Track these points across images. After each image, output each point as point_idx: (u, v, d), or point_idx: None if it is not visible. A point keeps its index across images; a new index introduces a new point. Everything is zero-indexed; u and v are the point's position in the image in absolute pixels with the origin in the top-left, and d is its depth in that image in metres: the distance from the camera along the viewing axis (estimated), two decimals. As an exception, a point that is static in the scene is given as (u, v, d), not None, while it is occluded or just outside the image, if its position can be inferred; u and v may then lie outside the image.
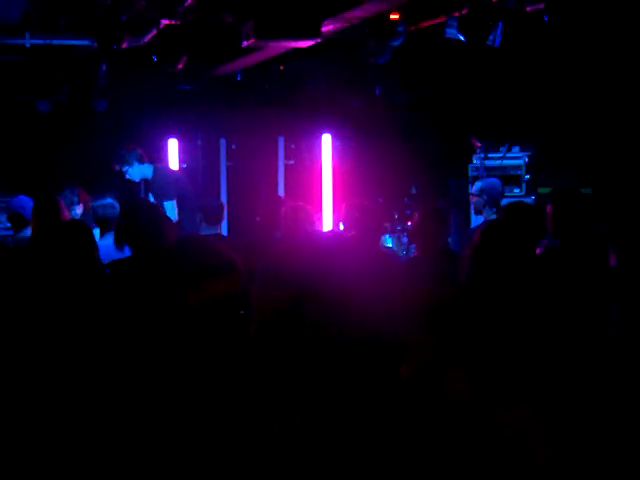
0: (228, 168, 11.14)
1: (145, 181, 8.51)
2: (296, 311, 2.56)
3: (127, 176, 8.29)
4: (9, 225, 7.21)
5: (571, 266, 4.63)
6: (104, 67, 9.07)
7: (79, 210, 7.93)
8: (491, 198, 7.37)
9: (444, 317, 3.49)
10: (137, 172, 8.26)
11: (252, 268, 2.88)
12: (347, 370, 2.58)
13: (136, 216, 4.81)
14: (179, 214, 8.08)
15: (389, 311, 2.94)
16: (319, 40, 6.94)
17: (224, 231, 8.41)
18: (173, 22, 7.51)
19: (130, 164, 8.19)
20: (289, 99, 10.32)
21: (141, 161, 8.23)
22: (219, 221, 6.72)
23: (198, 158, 11.22)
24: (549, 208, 5.13)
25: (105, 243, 5.58)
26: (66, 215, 6.08)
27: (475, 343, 3.46)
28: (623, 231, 5.07)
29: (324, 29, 6.95)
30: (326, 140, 10.66)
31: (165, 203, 8.03)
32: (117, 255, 4.74)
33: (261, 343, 2.65)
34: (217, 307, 3.03)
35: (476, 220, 8.18)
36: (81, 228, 4.90)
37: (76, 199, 8.01)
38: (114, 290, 4.07)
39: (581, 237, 4.94)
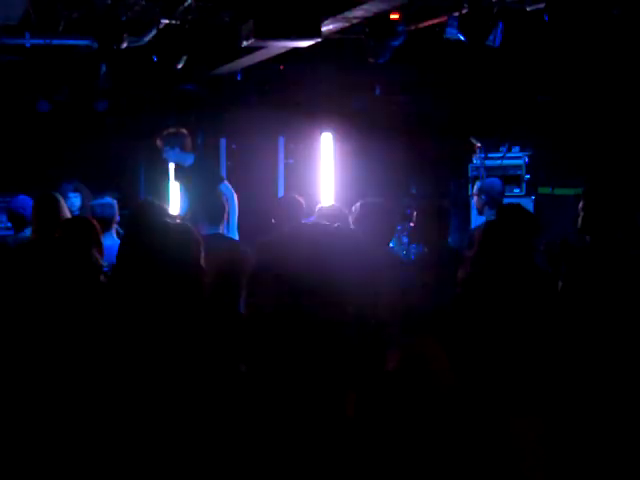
0: (228, 168, 11.14)
1: (180, 168, 8.43)
2: (290, 303, 2.56)
3: (164, 155, 8.27)
4: (9, 225, 7.21)
5: (601, 264, 4.58)
6: (104, 67, 9.07)
7: (76, 200, 7.93)
8: (490, 198, 7.36)
9: (447, 318, 3.49)
10: (174, 157, 8.24)
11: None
12: (337, 358, 2.58)
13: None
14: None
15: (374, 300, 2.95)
16: (319, 40, 6.94)
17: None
18: (173, 22, 7.51)
19: (172, 147, 8.16)
20: (289, 99, 10.32)
21: (184, 149, 8.21)
22: (221, 221, 6.71)
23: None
24: (581, 204, 5.03)
25: (104, 243, 5.57)
26: (66, 213, 6.09)
27: (480, 343, 3.46)
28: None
29: (324, 29, 6.96)
30: (326, 140, 10.65)
31: (222, 185, 8.16)
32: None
33: (256, 332, 2.66)
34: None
35: (477, 220, 8.18)
36: (82, 225, 4.90)
37: (71, 187, 8.01)
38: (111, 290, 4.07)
39: (612, 234, 4.82)
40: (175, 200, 9.31)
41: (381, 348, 2.96)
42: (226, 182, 8.48)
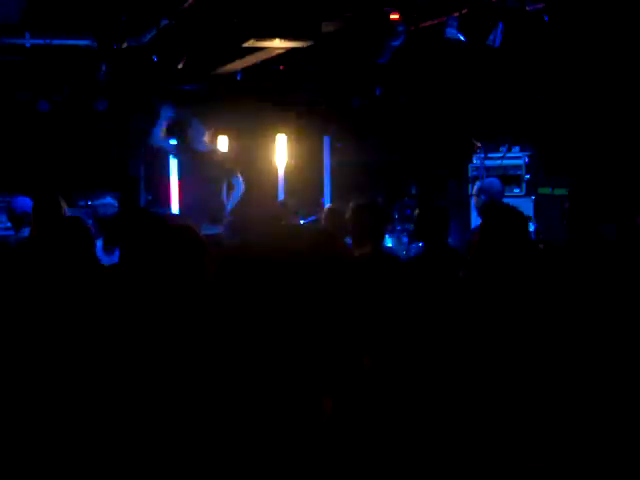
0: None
1: (190, 154, 8.43)
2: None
3: (191, 128, 8.24)
4: (9, 225, 7.21)
5: (576, 263, 4.60)
6: (104, 67, 9.07)
7: None
8: (490, 198, 7.36)
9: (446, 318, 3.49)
10: (199, 137, 8.22)
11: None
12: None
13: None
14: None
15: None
16: (319, 40, 6.95)
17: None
18: (173, 22, 7.51)
19: (207, 128, 8.16)
20: (289, 99, 10.32)
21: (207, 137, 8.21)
22: (220, 220, 6.72)
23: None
24: (566, 204, 5.06)
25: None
26: (66, 212, 6.10)
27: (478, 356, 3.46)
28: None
29: (324, 29, 6.96)
30: (326, 140, 10.66)
31: (233, 178, 8.08)
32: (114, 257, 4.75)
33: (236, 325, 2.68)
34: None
35: (477, 220, 8.18)
36: (79, 224, 4.91)
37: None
38: (112, 287, 4.08)
39: (594, 234, 4.84)
40: (175, 199, 9.31)
41: (357, 351, 2.96)
42: (238, 175, 8.46)
